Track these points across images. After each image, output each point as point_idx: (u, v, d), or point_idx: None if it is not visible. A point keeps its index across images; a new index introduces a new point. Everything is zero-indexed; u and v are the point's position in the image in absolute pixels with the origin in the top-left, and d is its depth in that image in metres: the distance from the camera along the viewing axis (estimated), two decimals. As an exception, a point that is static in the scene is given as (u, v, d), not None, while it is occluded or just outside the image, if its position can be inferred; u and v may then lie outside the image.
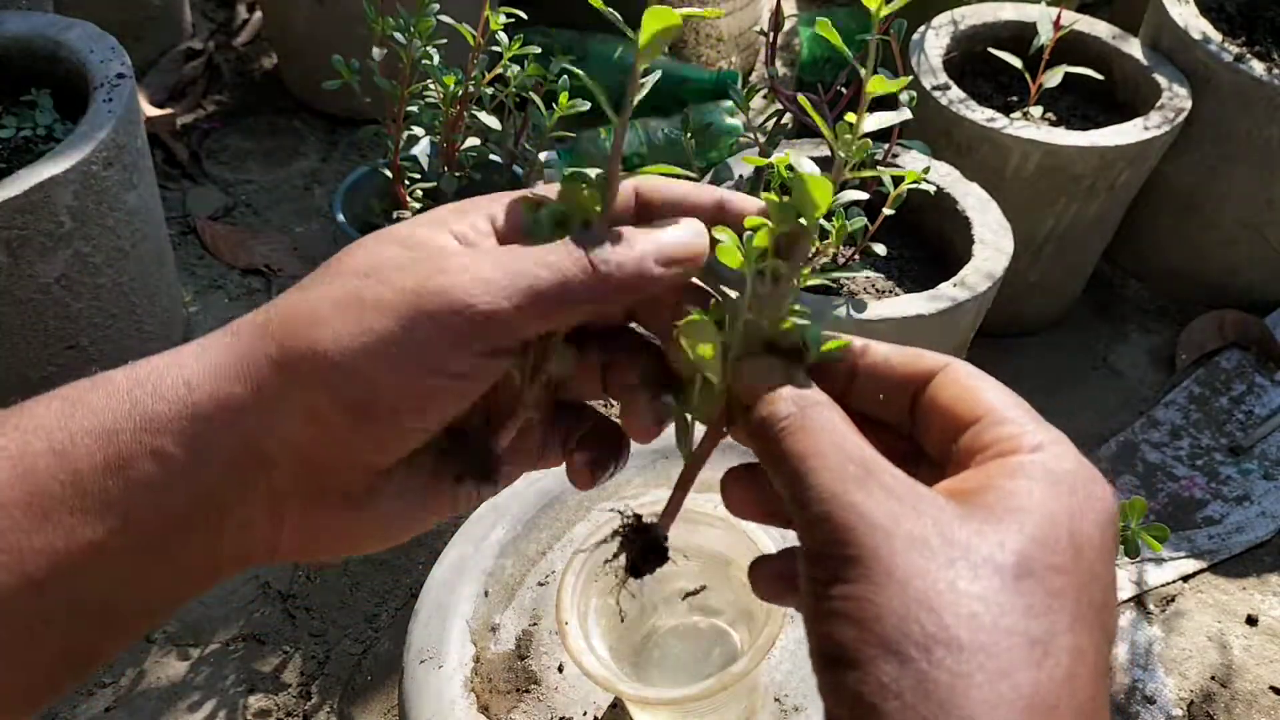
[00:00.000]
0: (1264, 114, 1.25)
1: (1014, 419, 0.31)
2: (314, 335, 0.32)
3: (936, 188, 1.08)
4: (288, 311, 0.33)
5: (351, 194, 1.13)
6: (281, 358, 0.32)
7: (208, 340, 0.33)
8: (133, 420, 0.31)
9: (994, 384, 0.33)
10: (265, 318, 0.33)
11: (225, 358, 0.32)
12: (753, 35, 1.80)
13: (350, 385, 0.31)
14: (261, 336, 0.32)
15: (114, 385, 0.32)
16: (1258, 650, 1.09)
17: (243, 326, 0.33)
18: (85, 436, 0.31)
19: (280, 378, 0.32)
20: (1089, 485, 0.30)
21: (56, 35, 1.21)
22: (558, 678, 0.63)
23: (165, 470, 0.31)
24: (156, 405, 0.31)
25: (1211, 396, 1.33)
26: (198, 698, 1.02)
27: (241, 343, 0.32)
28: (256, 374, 0.32)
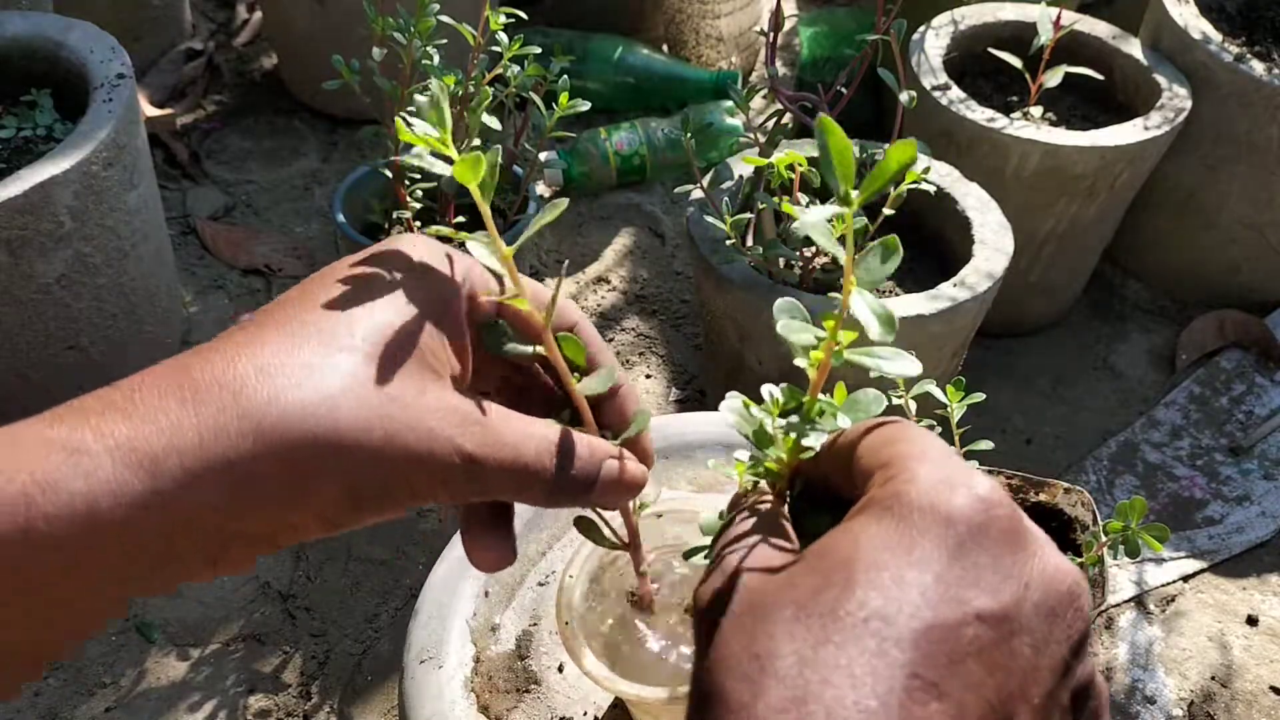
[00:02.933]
0: (1264, 114, 1.25)
1: (899, 461, 0.31)
2: (333, 460, 0.31)
3: (936, 188, 1.08)
4: (297, 417, 0.31)
5: (351, 194, 1.13)
6: (288, 473, 0.31)
7: (173, 414, 0.31)
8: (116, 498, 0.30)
9: (910, 435, 0.33)
10: (261, 412, 0.31)
11: (213, 456, 0.30)
12: (753, 35, 1.79)
13: (370, 482, 0.32)
14: (256, 435, 0.31)
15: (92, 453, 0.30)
16: (1258, 650, 1.09)
17: (202, 392, 0.31)
18: None
19: (282, 491, 0.31)
20: (922, 510, 0.29)
21: (57, 35, 1.21)
22: (558, 678, 0.63)
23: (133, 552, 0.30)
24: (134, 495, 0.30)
25: (1211, 396, 1.33)
26: (198, 698, 1.02)
27: (231, 442, 0.30)
28: (252, 482, 0.31)
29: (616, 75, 1.65)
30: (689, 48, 1.77)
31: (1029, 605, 0.28)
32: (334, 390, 0.32)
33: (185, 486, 0.30)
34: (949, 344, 1.03)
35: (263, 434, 0.31)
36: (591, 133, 1.55)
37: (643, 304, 1.43)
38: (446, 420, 0.33)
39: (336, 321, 0.34)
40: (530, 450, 0.35)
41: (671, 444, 0.75)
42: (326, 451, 0.31)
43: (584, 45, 1.66)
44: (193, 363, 0.32)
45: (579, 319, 0.40)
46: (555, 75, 1.04)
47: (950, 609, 0.27)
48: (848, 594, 0.28)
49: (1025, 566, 0.29)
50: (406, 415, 0.33)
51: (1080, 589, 0.30)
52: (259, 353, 0.32)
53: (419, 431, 0.33)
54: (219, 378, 0.31)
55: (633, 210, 1.56)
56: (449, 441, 0.33)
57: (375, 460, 0.32)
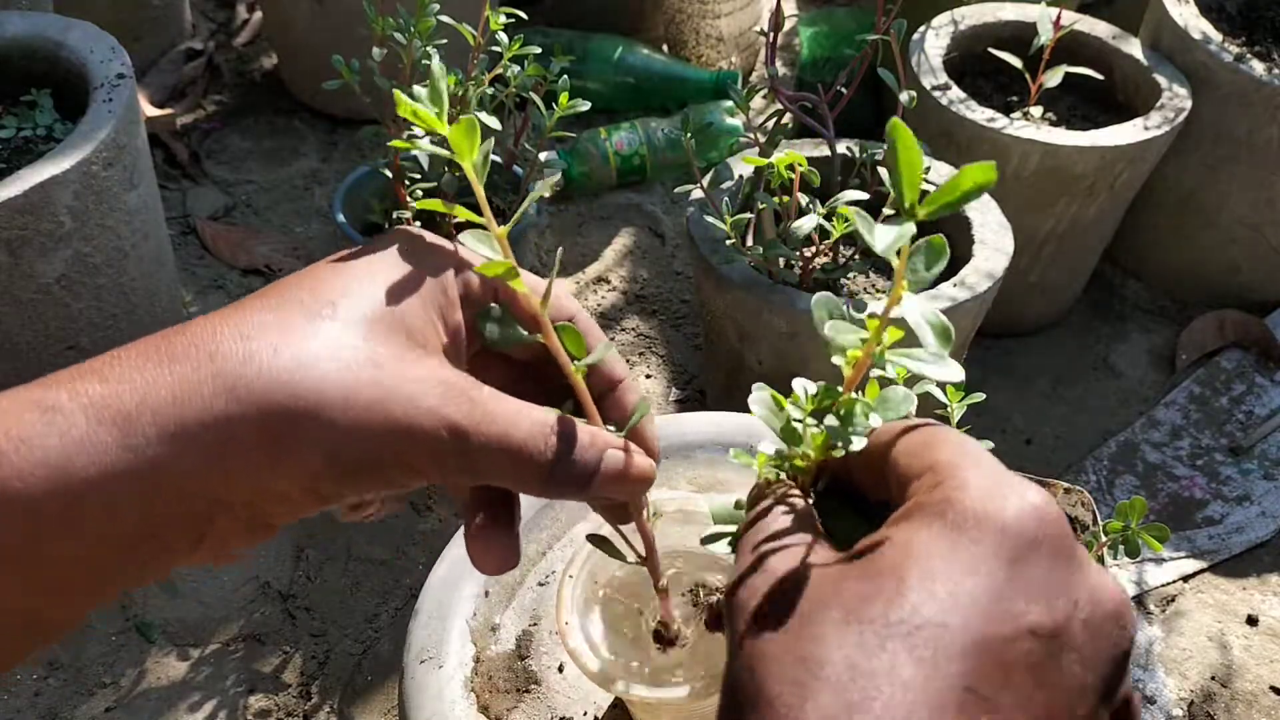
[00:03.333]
0: (1264, 114, 1.25)
1: (946, 467, 0.30)
2: (313, 421, 0.31)
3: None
4: (273, 375, 0.31)
5: (351, 194, 1.13)
6: (268, 433, 0.30)
7: (149, 374, 0.30)
8: (92, 460, 0.29)
9: (953, 440, 0.32)
10: (237, 371, 0.30)
11: (188, 413, 0.30)
12: (753, 35, 1.79)
13: (353, 450, 0.31)
14: (230, 393, 0.30)
15: (69, 415, 0.30)
16: (1258, 650, 1.09)
17: (178, 354, 0.31)
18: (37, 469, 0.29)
19: (262, 452, 0.30)
20: (976, 518, 0.29)
21: (57, 36, 1.21)
22: (558, 678, 0.63)
23: (113, 518, 0.30)
24: (122, 449, 0.29)
25: (1211, 396, 1.33)
26: (198, 698, 1.02)
27: (205, 399, 0.30)
28: (230, 442, 0.30)
29: (616, 75, 1.65)
30: (689, 48, 1.77)
31: (1079, 622, 0.28)
32: (314, 355, 0.31)
33: (158, 444, 0.29)
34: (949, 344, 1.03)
35: (237, 394, 0.30)
36: (591, 133, 1.55)
37: (643, 304, 1.43)
38: (433, 390, 0.32)
39: (321, 293, 0.33)
40: (523, 429, 0.34)
41: (671, 444, 0.75)
42: (305, 415, 0.30)
43: (584, 45, 1.66)
44: (173, 331, 0.32)
45: (576, 311, 0.39)
46: (555, 75, 1.04)
47: (1004, 622, 0.27)
48: (900, 601, 0.27)
49: (1077, 583, 0.28)
50: (391, 382, 0.32)
51: (1127, 609, 0.29)
52: (239, 319, 0.32)
53: (402, 400, 0.32)
54: (195, 340, 0.31)
55: (633, 210, 1.56)
56: (434, 412, 0.32)
57: (357, 427, 0.31)
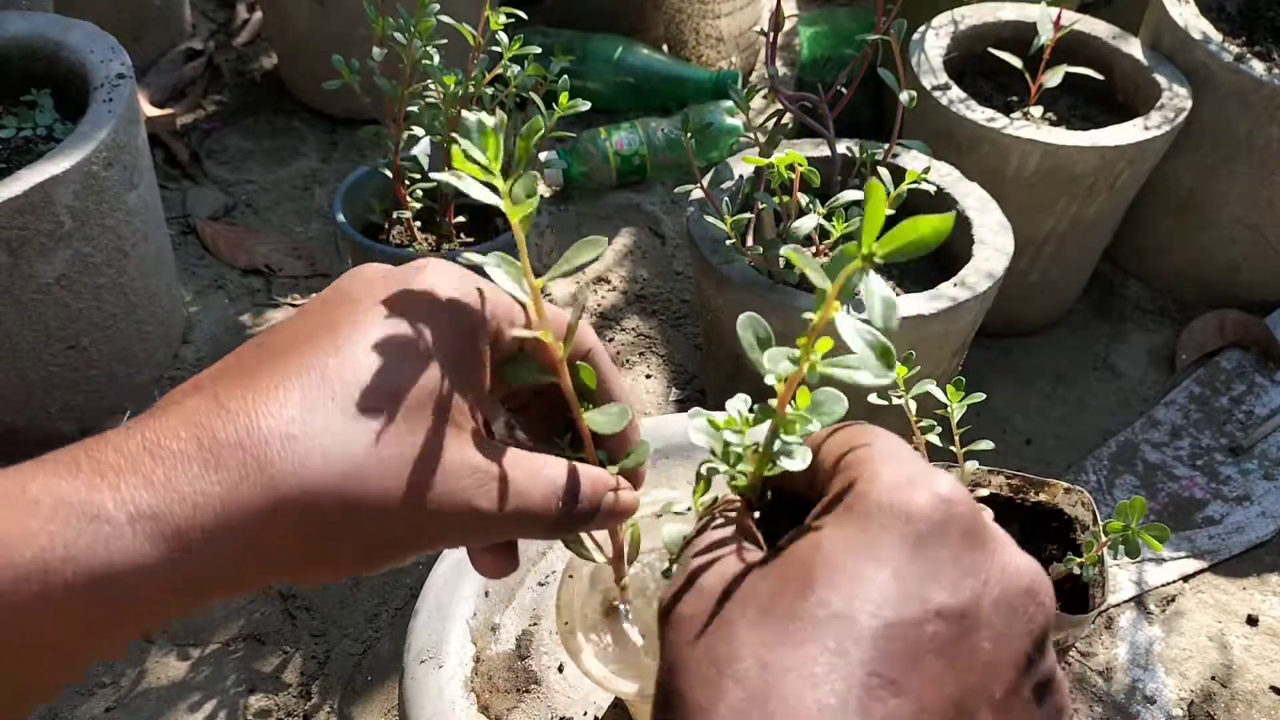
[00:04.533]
0: (1264, 114, 1.25)
1: (859, 464, 0.31)
2: (355, 526, 0.31)
3: (936, 188, 1.08)
4: (323, 484, 0.31)
5: (352, 194, 1.13)
6: (310, 542, 0.31)
7: (196, 482, 0.30)
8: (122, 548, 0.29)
9: (870, 437, 0.33)
10: (289, 481, 0.30)
11: (237, 529, 0.30)
12: (753, 35, 1.79)
13: (387, 541, 0.33)
14: (279, 505, 0.30)
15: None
16: (1258, 650, 1.09)
17: (225, 457, 0.30)
18: None
19: (302, 558, 0.31)
20: (882, 509, 0.29)
21: (57, 35, 1.21)
22: (558, 678, 0.63)
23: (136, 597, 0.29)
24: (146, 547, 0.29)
25: (1211, 396, 1.33)
26: (198, 698, 1.02)
27: (255, 515, 0.30)
28: (276, 556, 0.31)
29: (616, 75, 1.65)
30: (689, 48, 1.77)
31: (989, 601, 0.29)
32: (358, 459, 0.31)
33: (207, 558, 0.30)
34: (949, 344, 1.03)
35: (286, 505, 0.30)
36: (591, 133, 1.55)
37: (643, 304, 1.43)
38: (466, 482, 0.34)
39: (360, 373, 0.32)
40: (538, 496, 0.36)
41: (671, 444, 0.75)
42: (349, 521, 0.31)
43: (584, 45, 1.66)
44: (214, 419, 0.31)
45: (593, 344, 0.40)
46: (555, 75, 1.04)
47: (910, 606, 0.28)
48: (807, 594, 0.28)
49: (985, 563, 0.29)
50: (428, 481, 0.33)
51: (1040, 585, 0.30)
52: (281, 411, 0.31)
53: (438, 497, 0.33)
54: (242, 440, 0.30)
55: (633, 210, 1.56)
56: (466, 503, 0.34)
57: (394, 523, 0.32)
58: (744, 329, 0.35)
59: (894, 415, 1.04)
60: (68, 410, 1.20)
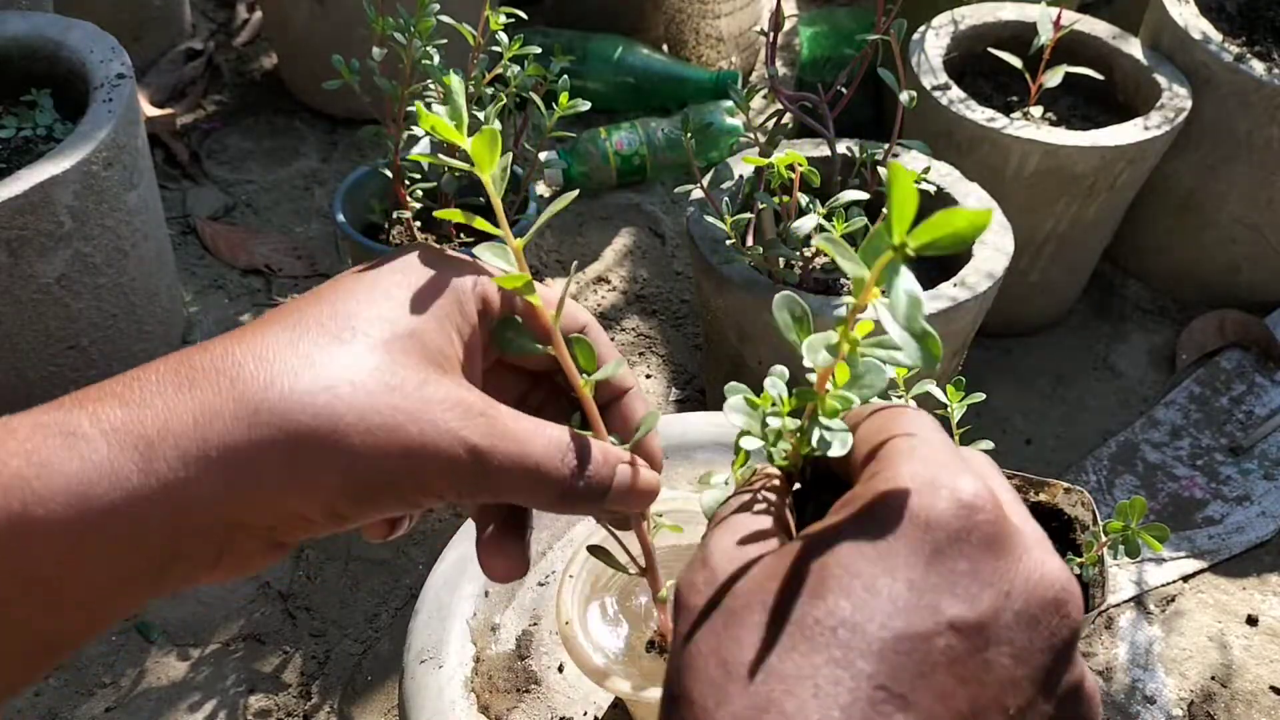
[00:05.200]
0: (1264, 114, 1.25)
1: (886, 458, 0.30)
2: (332, 445, 0.31)
3: (936, 188, 1.08)
4: (293, 399, 0.31)
5: (351, 194, 1.13)
6: (287, 457, 0.31)
7: (170, 398, 0.30)
8: (116, 488, 0.29)
9: (904, 425, 0.31)
10: (257, 395, 0.31)
11: (209, 437, 0.30)
12: (753, 35, 1.79)
13: (371, 472, 0.32)
14: (252, 418, 0.30)
15: (94, 443, 0.30)
16: (1258, 650, 1.09)
17: (198, 378, 0.31)
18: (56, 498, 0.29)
19: (282, 475, 0.31)
20: (901, 515, 0.28)
21: (57, 35, 1.21)
22: (558, 678, 0.63)
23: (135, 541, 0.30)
24: (144, 472, 0.30)
25: (1211, 396, 1.33)
26: (198, 698, 1.02)
27: (226, 423, 0.30)
28: (250, 466, 0.30)
29: (616, 75, 1.65)
30: (689, 48, 1.77)
31: (1009, 614, 0.28)
32: (333, 378, 0.31)
33: (181, 469, 0.30)
34: (949, 344, 1.03)
35: (259, 419, 0.30)
36: (591, 133, 1.55)
37: (643, 304, 1.43)
38: (451, 412, 0.33)
39: (340, 314, 0.33)
40: (539, 448, 0.34)
41: (671, 444, 0.75)
42: (324, 439, 0.31)
43: (584, 45, 1.66)
44: (193, 352, 0.32)
45: (588, 321, 0.40)
46: (555, 75, 1.04)
47: (922, 618, 0.27)
48: (818, 601, 0.27)
49: (1007, 573, 0.28)
50: (408, 405, 0.32)
51: (1068, 595, 0.29)
52: (259, 342, 0.32)
53: (421, 422, 0.32)
54: (216, 364, 0.31)
55: (633, 210, 1.56)
56: (453, 433, 0.32)
57: (376, 450, 0.31)
58: (779, 309, 0.33)
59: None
60: (68, 410, 1.20)
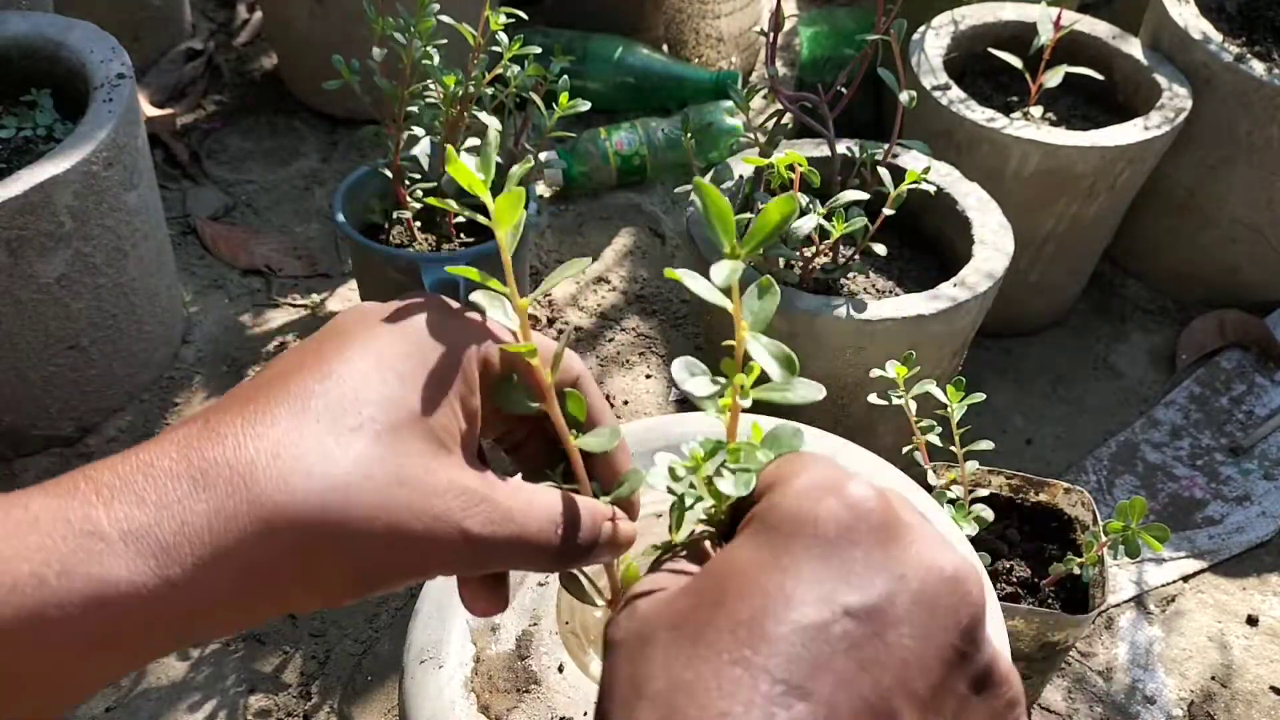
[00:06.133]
0: (1264, 114, 1.25)
1: (778, 479, 0.32)
2: (343, 546, 0.32)
3: (936, 188, 1.08)
4: (306, 502, 0.31)
5: (351, 194, 1.13)
6: (299, 562, 0.31)
7: (185, 500, 0.30)
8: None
9: (801, 457, 0.33)
10: (273, 501, 0.31)
11: (222, 544, 0.30)
12: (753, 35, 1.80)
13: (379, 565, 0.33)
14: (267, 525, 0.31)
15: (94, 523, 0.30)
16: (1258, 650, 1.09)
17: (213, 476, 0.31)
18: None
19: (291, 579, 0.32)
20: (790, 518, 0.30)
21: (57, 35, 1.21)
22: (558, 678, 0.63)
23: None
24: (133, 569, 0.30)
25: (1211, 396, 1.33)
26: (198, 698, 1.02)
27: (241, 532, 0.31)
28: (262, 574, 0.31)
29: (616, 75, 1.65)
30: (689, 48, 1.77)
31: (906, 596, 0.28)
32: (342, 477, 0.32)
33: (195, 574, 0.30)
34: (949, 344, 1.03)
35: (272, 523, 0.31)
36: (591, 133, 1.55)
37: (643, 304, 1.43)
38: (454, 502, 0.34)
39: (346, 396, 0.33)
40: (534, 525, 0.36)
41: (671, 444, 0.75)
42: (335, 539, 0.31)
43: (584, 45, 1.66)
44: (204, 441, 0.32)
45: (581, 372, 0.40)
46: (555, 75, 1.04)
47: (816, 609, 0.28)
48: (717, 609, 0.28)
49: (900, 558, 0.29)
50: (413, 500, 0.33)
51: (964, 574, 0.30)
52: (268, 432, 0.32)
53: (425, 517, 0.33)
54: (229, 460, 0.31)
55: (633, 210, 1.56)
56: (455, 526, 0.33)
57: (384, 545, 0.32)
58: (679, 370, 0.37)
59: (894, 415, 1.04)
60: (68, 410, 1.20)
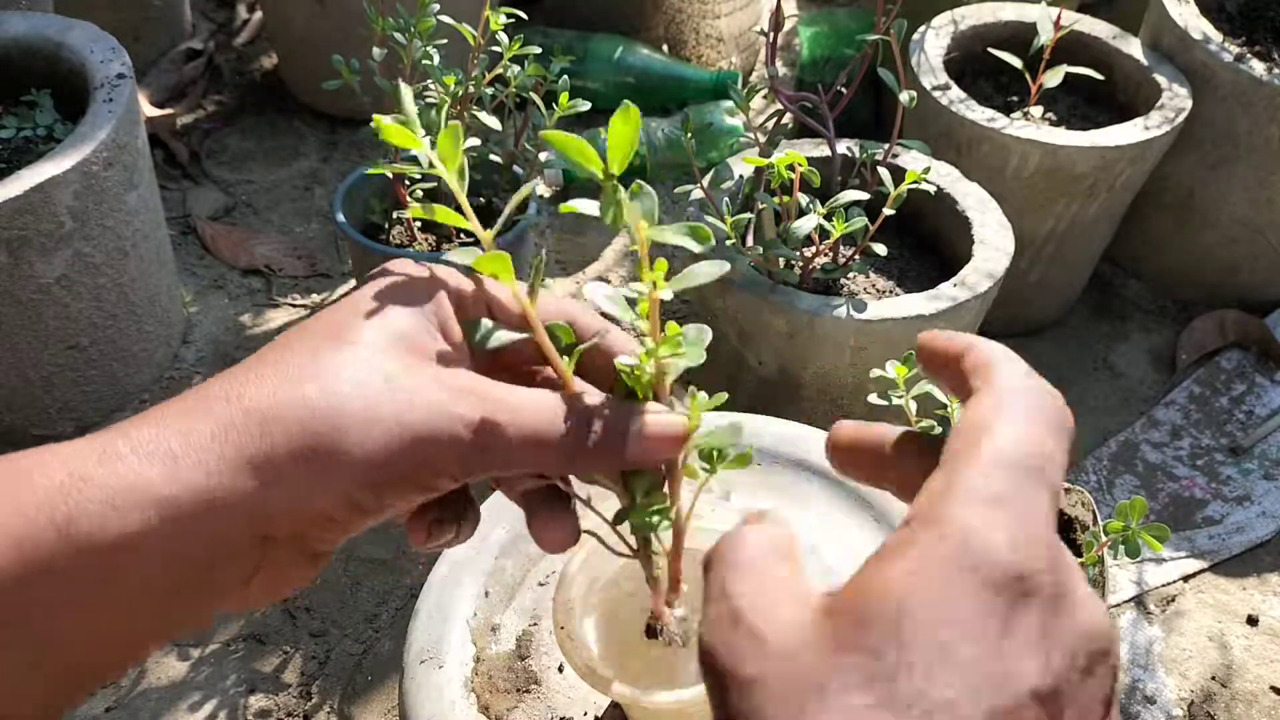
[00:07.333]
0: (1264, 114, 1.25)
1: (956, 460, 0.29)
2: (340, 439, 0.33)
3: (937, 188, 1.08)
4: (298, 403, 0.34)
5: (352, 194, 1.13)
6: (301, 455, 0.33)
7: (189, 419, 0.33)
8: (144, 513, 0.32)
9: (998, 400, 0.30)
10: (265, 406, 0.34)
11: (227, 448, 0.33)
12: (753, 35, 1.79)
13: (380, 460, 0.34)
14: (262, 425, 0.33)
15: (121, 455, 0.32)
16: (1258, 650, 1.09)
17: (212, 400, 0.34)
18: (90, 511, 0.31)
19: (299, 473, 0.33)
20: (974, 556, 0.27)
21: (57, 35, 1.21)
22: (558, 678, 0.63)
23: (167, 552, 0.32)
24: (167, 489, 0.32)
25: (1211, 396, 1.33)
26: (198, 698, 1.02)
27: (240, 433, 0.33)
28: (268, 467, 0.33)
29: (616, 75, 1.65)
30: (689, 48, 1.77)
31: (1075, 674, 0.27)
32: (331, 380, 0.34)
33: (204, 478, 0.32)
34: (949, 344, 1.03)
35: (268, 426, 0.33)
36: (591, 133, 1.56)
37: (643, 304, 1.43)
38: (441, 392, 0.35)
39: (328, 330, 0.36)
40: (530, 410, 0.36)
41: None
42: (331, 434, 0.33)
43: (584, 45, 1.66)
44: (204, 384, 0.35)
45: (578, 314, 0.41)
46: (555, 75, 1.04)
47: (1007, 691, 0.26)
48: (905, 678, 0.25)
49: (1071, 629, 0.27)
50: (405, 395, 0.34)
51: (1113, 641, 0.28)
52: (260, 366, 0.35)
53: (418, 409, 0.34)
54: (224, 388, 0.34)
55: (633, 210, 1.56)
56: (449, 413, 0.34)
57: (379, 439, 0.33)
58: (597, 295, 0.39)
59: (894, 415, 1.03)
60: (68, 410, 1.20)
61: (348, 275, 1.44)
